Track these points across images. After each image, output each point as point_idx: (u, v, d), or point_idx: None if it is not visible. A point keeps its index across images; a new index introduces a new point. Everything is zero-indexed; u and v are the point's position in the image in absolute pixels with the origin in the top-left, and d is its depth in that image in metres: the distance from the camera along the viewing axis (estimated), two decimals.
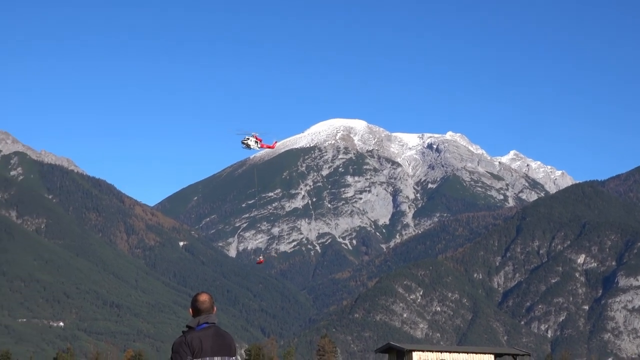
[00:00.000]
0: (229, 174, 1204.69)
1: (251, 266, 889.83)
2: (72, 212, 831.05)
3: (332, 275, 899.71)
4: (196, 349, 17.11)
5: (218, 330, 17.61)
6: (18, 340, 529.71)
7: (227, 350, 17.58)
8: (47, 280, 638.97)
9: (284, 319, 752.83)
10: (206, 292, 18.21)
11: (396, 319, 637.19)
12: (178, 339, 17.72)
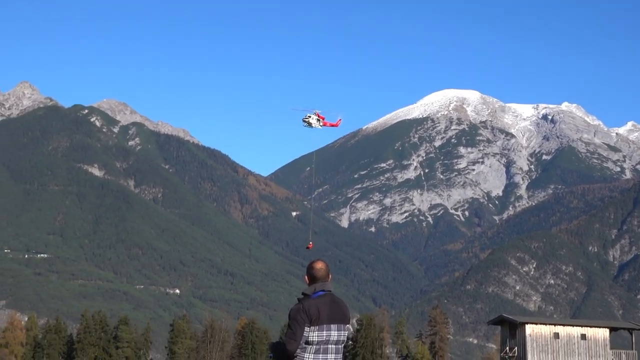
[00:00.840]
0: (342, 144, 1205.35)
1: (363, 236, 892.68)
2: (188, 181, 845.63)
3: (444, 247, 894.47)
4: (313, 317, 17.37)
5: (334, 298, 17.83)
6: (136, 306, 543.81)
7: (342, 318, 17.83)
8: (163, 248, 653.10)
9: (395, 290, 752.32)
10: (322, 260, 18.34)
11: (508, 291, 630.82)
12: (295, 306, 17.78)
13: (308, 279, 18.26)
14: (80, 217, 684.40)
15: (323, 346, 17.39)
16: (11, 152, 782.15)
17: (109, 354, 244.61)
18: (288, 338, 17.31)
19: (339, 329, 17.67)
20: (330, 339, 17.46)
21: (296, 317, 17.44)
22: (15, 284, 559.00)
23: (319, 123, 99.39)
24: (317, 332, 17.33)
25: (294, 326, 17.37)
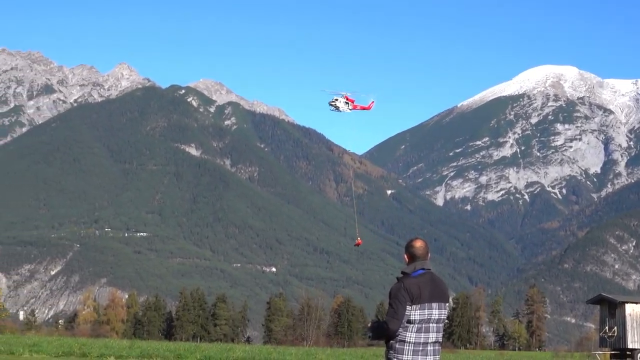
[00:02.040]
0: (437, 122, 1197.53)
1: (458, 215, 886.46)
2: (283, 160, 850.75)
3: (541, 225, 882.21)
4: (414, 295, 17.14)
5: (433, 277, 17.63)
6: (233, 284, 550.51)
7: (442, 297, 17.55)
8: (259, 227, 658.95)
9: (491, 268, 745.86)
10: (421, 238, 18.13)
11: (607, 269, 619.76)
12: (396, 285, 17.54)
13: (407, 257, 18.05)
14: (178, 196, 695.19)
15: (424, 325, 17.25)
16: (110, 133, 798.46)
17: (207, 331, 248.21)
18: (390, 317, 17.12)
19: (439, 307, 17.50)
20: (431, 318, 17.30)
21: (397, 295, 17.24)
22: (115, 262, 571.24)
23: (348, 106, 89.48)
24: (418, 310, 17.17)
25: (395, 305, 17.14)
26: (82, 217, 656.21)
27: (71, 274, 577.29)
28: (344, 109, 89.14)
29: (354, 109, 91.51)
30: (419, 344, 17.25)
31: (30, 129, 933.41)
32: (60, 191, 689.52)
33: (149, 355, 69.33)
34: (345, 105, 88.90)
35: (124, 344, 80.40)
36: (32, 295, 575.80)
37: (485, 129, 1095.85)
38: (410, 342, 17.23)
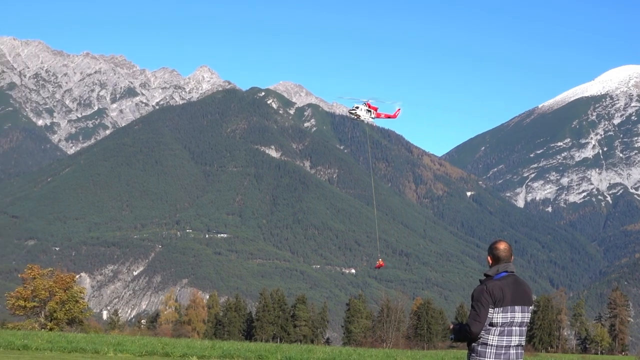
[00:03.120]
0: (517, 123, 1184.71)
1: (539, 217, 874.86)
2: (363, 162, 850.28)
3: (624, 227, 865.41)
4: (497, 298, 17.03)
5: (517, 279, 17.52)
6: (313, 286, 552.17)
7: (526, 300, 17.43)
8: (339, 228, 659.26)
9: (573, 271, 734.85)
10: (504, 241, 17.97)
11: None
12: (479, 287, 17.37)
13: (491, 259, 17.95)
14: (258, 197, 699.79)
15: (507, 328, 17.21)
16: (192, 135, 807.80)
17: (287, 332, 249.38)
18: (472, 319, 17.12)
19: (522, 310, 17.43)
20: (514, 321, 17.25)
21: (480, 298, 17.20)
22: (196, 263, 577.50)
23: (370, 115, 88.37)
24: (501, 313, 17.13)
25: (478, 307, 17.13)
26: (164, 218, 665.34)
27: (153, 275, 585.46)
28: (366, 117, 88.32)
29: (377, 117, 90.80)
30: (502, 347, 17.21)
31: (113, 131, 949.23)
32: (142, 192, 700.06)
33: (230, 355, 69.97)
34: (367, 113, 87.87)
35: (206, 344, 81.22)
36: (115, 295, 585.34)
37: (566, 130, 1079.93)
38: (492, 345, 17.21)
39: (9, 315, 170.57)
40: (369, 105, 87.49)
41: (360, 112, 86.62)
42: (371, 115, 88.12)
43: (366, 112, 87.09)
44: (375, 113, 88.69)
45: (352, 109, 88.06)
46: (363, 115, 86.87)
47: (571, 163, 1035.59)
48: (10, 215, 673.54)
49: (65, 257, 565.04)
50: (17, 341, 69.99)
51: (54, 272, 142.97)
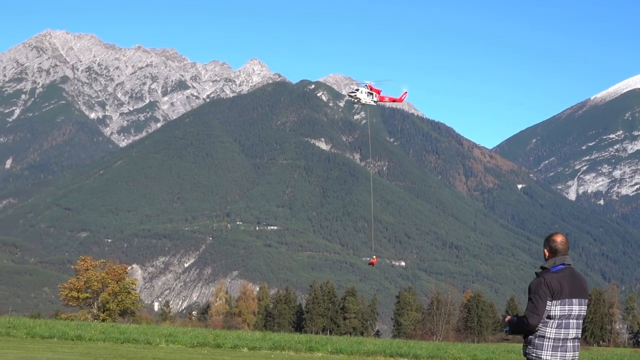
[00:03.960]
0: (569, 115, 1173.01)
1: (591, 209, 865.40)
2: (412, 154, 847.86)
3: None
4: (555, 291, 17.00)
5: (573, 272, 17.46)
6: (362, 278, 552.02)
7: (583, 292, 17.42)
8: (389, 221, 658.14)
9: (625, 264, 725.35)
10: (561, 233, 17.82)
11: None
12: (536, 280, 17.29)
13: (547, 252, 17.81)
14: (308, 190, 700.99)
15: (565, 320, 17.14)
16: (242, 128, 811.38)
17: (337, 324, 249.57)
18: (530, 312, 17.04)
19: (579, 303, 17.36)
20: (572, 314, 17.18)
21: (538, 290, 17.12)
22: (247, 255, 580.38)
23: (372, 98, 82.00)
24: (559, 306, 17.07)
25: (535, 300, 17.08)
26: (215, 210, 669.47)
27: (204, 267, 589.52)
28: (367, 101, 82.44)
29: (380, 101, 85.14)
30: (559, 340, 17.15)
31: (164, 124, 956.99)
32: (193, 185, 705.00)
33: (281, 347, 70.17)
34: (369, 96, 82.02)
35: (257, 335, 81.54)
36: (166, 287, 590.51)
37: (619, 122, 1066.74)
38: (550, 338, 17.14)
39: (62, 306, 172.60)
40: (370, 87, 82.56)
41: (360, 95, 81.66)
42: (373, 99, 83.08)
43: (367, 95, 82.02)
44: (379, 96, 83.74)
45: (351, 92, 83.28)
46: (364, 98, 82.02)
47: (623, 155, 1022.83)
48: (64, 208, 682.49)
49: (117, 249, 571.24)
50: (71, 332, 70.85)
51: (107, 264, 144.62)
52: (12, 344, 60.48)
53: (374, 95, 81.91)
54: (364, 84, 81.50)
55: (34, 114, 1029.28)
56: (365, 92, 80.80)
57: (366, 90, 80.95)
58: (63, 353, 54.25)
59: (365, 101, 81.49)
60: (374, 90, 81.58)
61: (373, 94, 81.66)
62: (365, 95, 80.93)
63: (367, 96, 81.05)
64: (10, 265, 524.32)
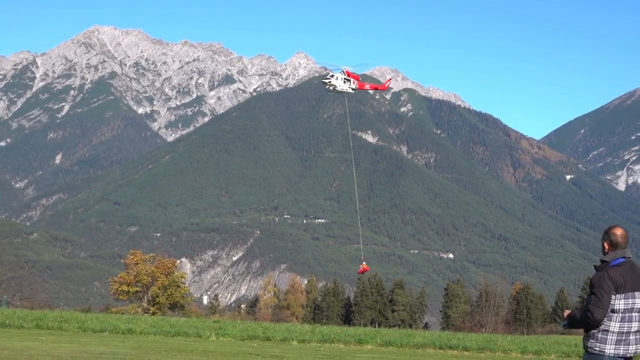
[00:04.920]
0: (617, 105, 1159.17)
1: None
2: (460, 146, 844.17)
3: None
4: (619, 284, 16.79)
5: (634, 265, 17.17)
6: (410, 270, 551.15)
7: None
8: (436, 213, 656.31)
9: None
10: (621, 226, 17.50)
11: None
12: (599, 274, 17.05)
13: (608, 245, 17.53)
14: (355, 183, 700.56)
15: (628, 314, 16.95)
16: (289, 121, 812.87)
17: (385, 317, 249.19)
18: (594, 306, 16.83)
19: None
20: (634, 307, 16.97)
21: (602, 284, 16.91)
22: (295, 248, 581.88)
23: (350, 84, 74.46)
24: (622, 300, 16.90)
25: (600, 294, 16.89)
26: (262, 204, 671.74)
27: (252, 260, 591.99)
28: (344, 88, 74.99)
29: (361, 88, 77.86)
30: (622, 334, 16.98)
31: (211, 118, 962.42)
32: (241, 179, 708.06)
33: (330, 339, 70.16)
34: (345, 83, 74.75)
35: (306, 328, 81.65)
36: (215, 280, 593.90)
37: None
38: (613, 332, 16.97)
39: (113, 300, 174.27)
40: (348, 73, 75.06)
41: (336, 81, 74.27)
42: (350, 86, 75.17)
43: (344, 81, 74.60)
44: (358, 83, 76.17)
45: (325, 78, 75.92)
46: (340, 85, 74.35)
47: None
48: (113, 202, 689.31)
49: (166, 243, 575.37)
50: (122, 325, 71.50)
51: (156, 258, 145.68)
52: (65, 338, 61.17)
53: (352, 82, 74.88)
54: (340, 70, 74.75)
55: (83, 109, 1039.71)
56: (341, 78, 73.89)
57: (342, 77, 74.05)
58: (115, 346, 54.75)
59: (342, 88, 74.38)
60: (351, 77, 74.68)
61: (350, 80, 74.72)
62: (341, 82, 74.04)
63: (344, 83, 74.11)
64: (62, 260, 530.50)
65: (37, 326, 70.33)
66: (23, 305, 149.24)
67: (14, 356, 42.77)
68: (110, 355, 46.42)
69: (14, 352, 45.15)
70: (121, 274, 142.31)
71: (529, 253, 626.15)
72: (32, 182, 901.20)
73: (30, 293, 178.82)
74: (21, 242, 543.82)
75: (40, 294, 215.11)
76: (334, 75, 73.42)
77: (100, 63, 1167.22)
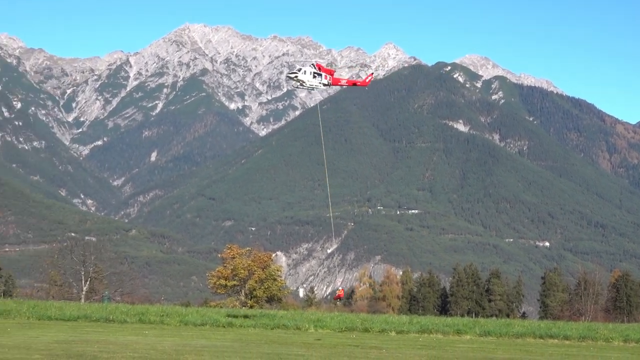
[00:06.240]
0: None
1: None
2: (553, 133, 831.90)
3: None
4: None
5: None
6: (506, 260, 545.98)
7: None
8: (531, 201, 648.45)
9: None
10: None
11: None
12: None
13: None
14: (448, 172, 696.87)
15: None
16: (379, 113, 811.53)
17: (482, 306, 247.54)
18: None
19: None
20: None
21: None
22: (388, 239, 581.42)
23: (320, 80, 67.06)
24: None
25: None
26: (355, 196, 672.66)
27: (347, 252, 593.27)
28: (313, 83, 67.31)
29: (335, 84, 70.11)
30: None
31: (302, 112, 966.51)
32: (333, 171, 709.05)
33: (428, 330, 70.43)
34: (315, 78, 67.32)
35: (404, 319, 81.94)
36: (310, 273, 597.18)
37: None
38: None
39: (211, 294, 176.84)
40: (319, 67, 68.16)
41: (303, 76, 66.77)
42: (321, 81, 67.50)
43: (313, 75, 67.15)
44: (332, 78, 68.63)
45: (291, 72, 67.69)
46: (308, 80, 66.78)
47: None
48: (208, 198, 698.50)
49: (261, 237, 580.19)
50: (222, 319, 72.85)
51: (252, 252, 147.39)
52: (167, 332, 62.76)
53: (323, 77, 67.54)
54: (311, 63, 68.08)
55: (176, 107, 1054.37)
56: (310, 72, 66.86)
57: (311, 70, 67.06)
58: (216, 339, 55.98)
59: (311, 84, 66.86)
60: (323, 71, 67.71)
61: (322, 74, 67.45)
62: (310, 76, 66.79)
63: (313, 77, 66.83)
64: (160, 256, 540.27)
65: (139, 321, 72.26)
66: (124, 301, 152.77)
67: (120, 350, 44.12)
68: (212, 348, 47.49)
69: (119, 346, 46.58)
70: (219, 268, 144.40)
71: (627, 240, 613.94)
72: (129, 179, 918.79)
73: (131, 288, 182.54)
74: (120, 238, 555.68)
75: (140, 289, 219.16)
76: (302, 69, 66.76)
77: (192, 60, 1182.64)
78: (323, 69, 66.86)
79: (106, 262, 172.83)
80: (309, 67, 66.49)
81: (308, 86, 66.45)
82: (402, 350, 50.88)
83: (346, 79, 71.22)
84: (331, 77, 67.63)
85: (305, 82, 65.99)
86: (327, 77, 67.53)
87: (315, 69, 66.36)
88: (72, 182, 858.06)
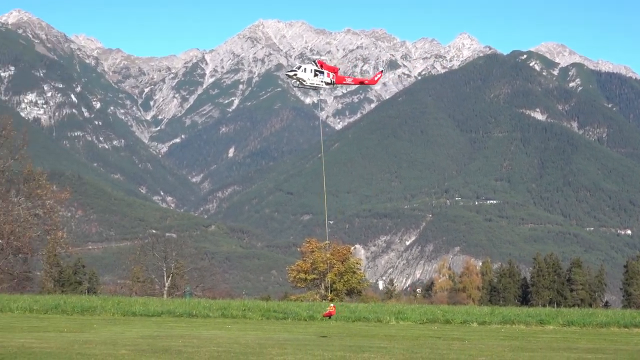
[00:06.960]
0: None
1: None
2: (633, 119, 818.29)
3: None
4: None
5: None
6: (587, 249, 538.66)
7: None
8: (612, 189, 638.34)
9: None
10: None
11: None
12: None
13: None
14: (526, 162, 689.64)
15: None
16: (455, 103, 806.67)
17: (564, 296, 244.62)
18: None
19: None
20: None
21: None
22: (467, 230, 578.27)
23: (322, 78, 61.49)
24: None
25: None
26: (433, 187, 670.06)
27: (425, 244, 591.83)
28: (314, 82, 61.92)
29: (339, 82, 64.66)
30: None
31: (378, 104, 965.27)
32: (410, 163, 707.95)
33: (510, 321, 70.00)
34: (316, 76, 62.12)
35: (485, 310, 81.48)
36: (389, 265, 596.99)
37: None
38: None
39: (291, 288, 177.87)
40: (321, 64, 62.48)
41: (303, 74, 61.24)
42: (323, 79, 61.91)
43: (314, 74, 61.62)
44: (334, 76, 62.77)
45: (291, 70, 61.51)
46: (309, 78, 61.24)
47: None
48: (286, 192, 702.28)
49: (339, 230, 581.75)
50: (303, 312, 73.33)
51: (331, 245, 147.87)
52: (249, 326, 63.43)
53: (325, 75, 61.98)
54: (312, 61, 62.55)
55: (252, 102, 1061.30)
56: (310, 70, 61.35)
57: (312, 68, 61.47)
58: (298, 333, 56.39)
59: (312, 82, 61.31)
60: (325, 68, 62.17)
61: (324, 72, 61.90)
62: (310, 75, 61.44)
63: (314, 76, 61.53)
64: (239, 251, 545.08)
65: (222, 315, 73.12)
66: (206, 296, 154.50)
67: (204, 344, 44.80)
68: (295, 342, 47.85)
69: (202, 341, 47.26)
70: (298, 262, 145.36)
71: None
72: (208, 176, 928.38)
73: (212, 283, 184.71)
74: (200, 234, 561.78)
75: (221, 284, 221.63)
76: (302, 67, 61.63)
77: (267, 56, 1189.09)
78: (325, 67, 62.12)
79: (187, 258, 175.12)
80: (310, 64, 61.68)
81: (309, 85, 61.21)
82: (484, 342, 50.66)
83: (352, 78, 66.42)
84: (335, 75, 62.68)
85: (305, 81, 61.03)
86: (330, 75, 62.51)
87: (316, 67, 61.57)
88: (152, 179, 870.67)
